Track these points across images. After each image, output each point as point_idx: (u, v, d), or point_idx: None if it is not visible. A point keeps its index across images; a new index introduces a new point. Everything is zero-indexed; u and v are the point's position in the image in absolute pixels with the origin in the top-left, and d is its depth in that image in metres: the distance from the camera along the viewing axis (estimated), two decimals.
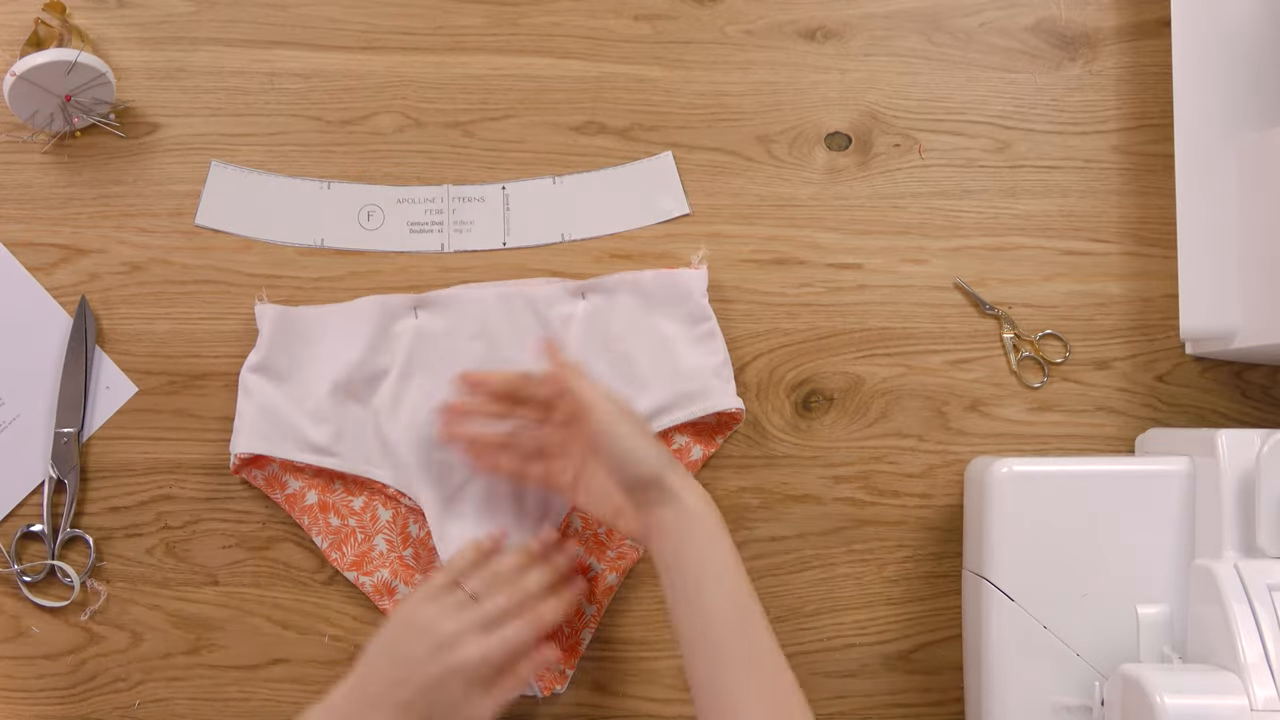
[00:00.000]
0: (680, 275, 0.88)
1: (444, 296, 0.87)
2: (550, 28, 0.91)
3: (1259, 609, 0.73)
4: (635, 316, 0.87)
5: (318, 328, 0.87)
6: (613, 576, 0.87)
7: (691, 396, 0.87)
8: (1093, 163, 0.92)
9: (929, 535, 0.90)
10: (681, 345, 0.87)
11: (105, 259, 0.88)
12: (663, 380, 0.86)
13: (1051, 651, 0.80)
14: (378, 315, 0.86)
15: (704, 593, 0.74)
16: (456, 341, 0.86)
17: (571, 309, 0.87)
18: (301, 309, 0.87)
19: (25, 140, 0.88)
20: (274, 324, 0.86)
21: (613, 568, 0.87)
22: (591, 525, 0.87)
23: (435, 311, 0.87)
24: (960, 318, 0.91)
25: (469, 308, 0.87)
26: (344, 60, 0.90)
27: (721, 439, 0.88)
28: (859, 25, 0.92)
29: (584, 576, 0.86)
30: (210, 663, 0.87)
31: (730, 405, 0.87)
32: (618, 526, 0.79)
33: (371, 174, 0.90)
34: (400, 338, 0.86)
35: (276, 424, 0.85)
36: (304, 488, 0.86)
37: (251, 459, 0.85)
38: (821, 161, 0.91)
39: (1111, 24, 0.93)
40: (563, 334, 0.87)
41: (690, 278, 0.88)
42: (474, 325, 0.87)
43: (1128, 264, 0.91)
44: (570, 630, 0.87)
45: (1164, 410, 0.91)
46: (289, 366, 0.86)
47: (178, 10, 0.90)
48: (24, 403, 0.86)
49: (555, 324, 0.87)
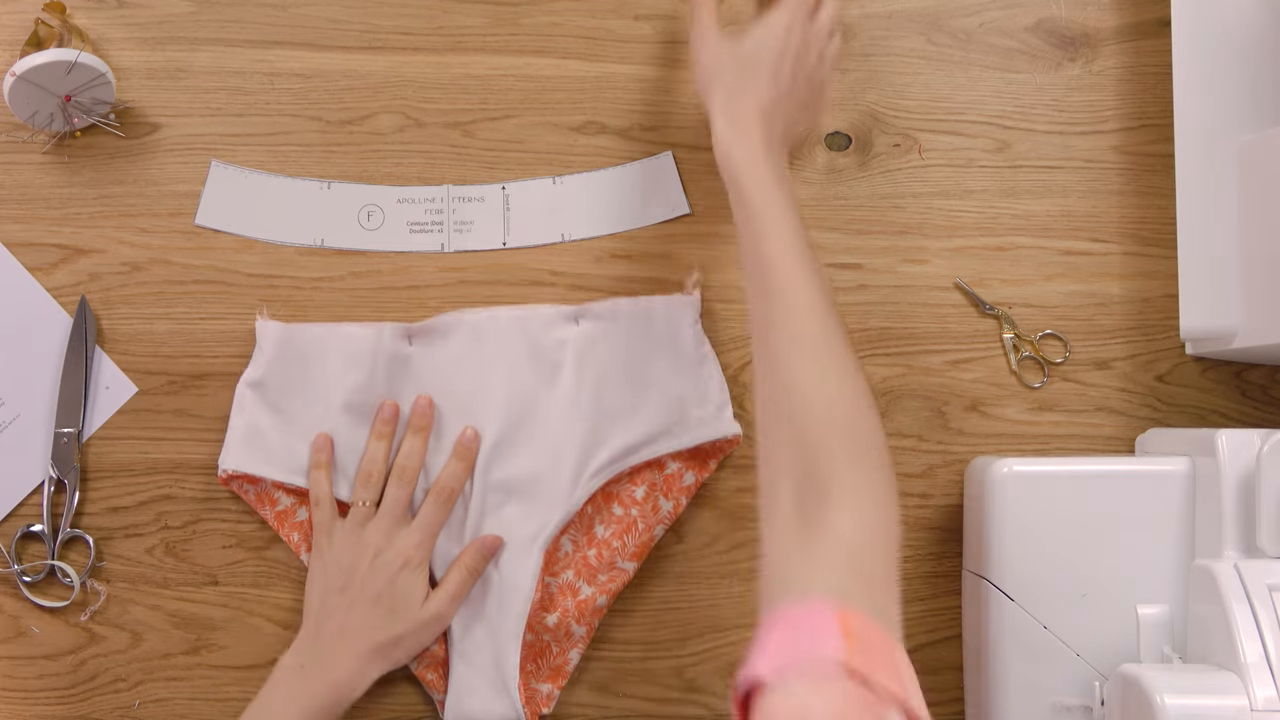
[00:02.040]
0: (674, 301, 0.88)
1: (438, 325, 0.87)
2: (550, 28, 0.91)
3: (1259, 609, 0.73)
4: (629, 342, 0.87)
5: (317, 348, 0.86)
6: (603, 599, 0.86)
7: (686, 423, 0.86)
8: (1093, 163, 0.92)
9: (929, 535, 0.90)
10: (676, 371, 0.87)
11: (105, 259, 0.88)
12: (656, 406, 0.86)
13: (1051, 651, 0.80)
14: (374, 342, 0.86)
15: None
16: (450, 369, 0.86)
17: (565, 333, 0.87)
18: (303, 327, 0.87)
19: (25, 140, 0.88)
20: (274, 342, 0.86)
21: (603, 590, 0.86)
22: (581, 548, 0.87)
23: (429, 339, 0.87)
24: (960, 318, 0.91)
25: (463, 335, 0.87)
26: (344, 60, 0.90)
27: (715, 463, 0.88)
28: (859, 25, 0.92)
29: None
30: (210, 663, 0.87)
31: (728, 432, 0.86)
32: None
33: (371, 174, 0.90)
34: (395, 366, 0.86)
35: (268, 444, 0.85)
36: (295, 504, 0.86)
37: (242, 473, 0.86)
38: (821, 161, 0.91)
39: (1111, 24, 0.93)
40: (557, 359, 0.86)
41: (684, 304, 0.88)
42: (467, 353, 0.86)
43: (1128, 264, 0.91)
44: (559, 651, 0.87)
45: (1164, 410, 0.91)
46: (285, 386, 0.86)
47: (178, 10, 0.90)
48: (24, 403, 0.86)
49: (549, 348, 0.87)
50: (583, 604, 0.86)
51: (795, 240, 0.72)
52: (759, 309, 0.72)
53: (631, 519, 0.87)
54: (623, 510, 0.87)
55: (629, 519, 0.86)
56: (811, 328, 0.69)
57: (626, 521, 0.87)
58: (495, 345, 0.87)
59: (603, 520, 0.87)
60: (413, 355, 0.87)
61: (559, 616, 0.85)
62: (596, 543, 0.87)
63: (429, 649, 0.85)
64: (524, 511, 0.85)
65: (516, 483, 0.86)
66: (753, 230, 0.73)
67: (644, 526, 0.86)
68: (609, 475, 0.85)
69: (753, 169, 0.75)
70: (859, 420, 0.67)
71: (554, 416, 0.86)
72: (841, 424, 0.67)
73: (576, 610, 0.86)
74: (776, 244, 0.72)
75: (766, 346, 0.70)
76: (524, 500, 0.85)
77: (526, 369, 0.86)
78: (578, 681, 0.88)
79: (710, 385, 0.87)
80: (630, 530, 0.86)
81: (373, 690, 0.83)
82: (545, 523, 0.85)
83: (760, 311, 0.71)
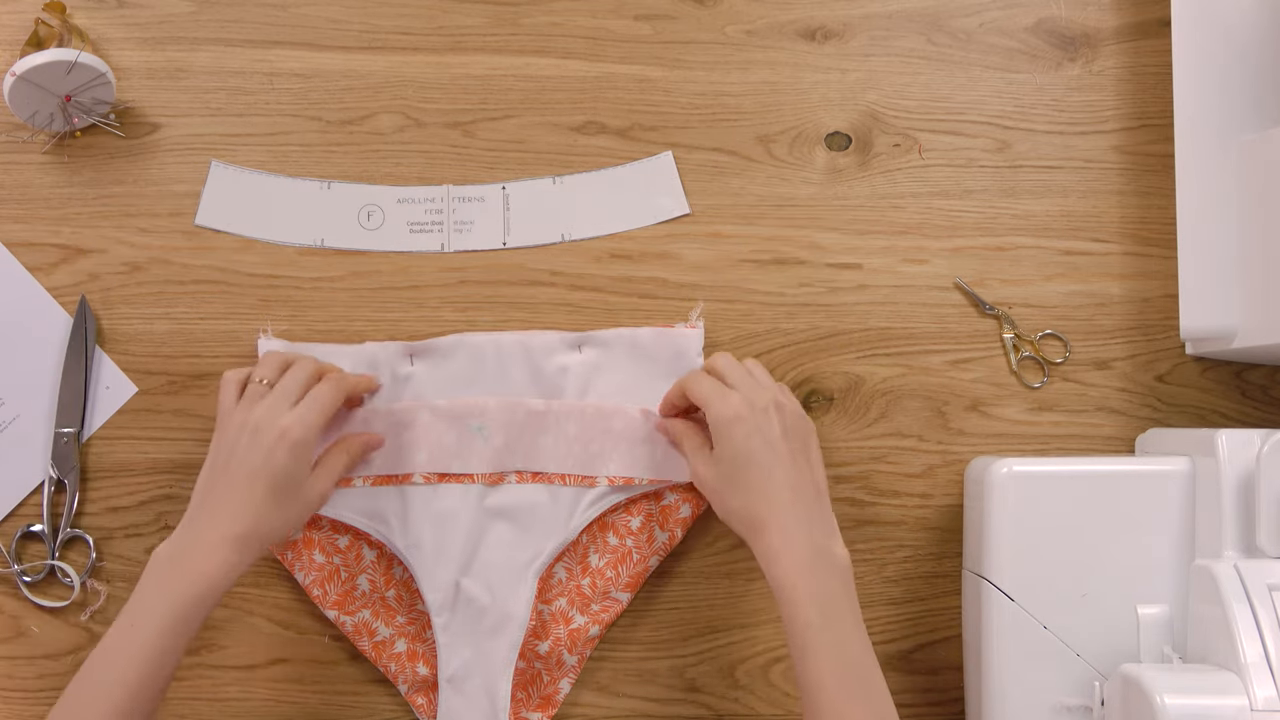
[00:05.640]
0: (677, 334, 0.88)
1: (441, 345, 0.87)
2: (550, 28, 0.91)
3: (1259, 609, 0.73)
4: (631, 372, 0.87)
5: None
6: (595, 629, 0.86)
7: (683, 459, 0.86)
8: (1093, 163, 0.92)
9: (929, 535, 0.90)
10: None
11: (105, 259, 0.88)
12: (656, 438, 0.86)
13: (1051, 651, 0.80)
14: (376, 362, 0.86)
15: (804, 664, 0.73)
16: (451, 390, 0.86)
17: (567, 360, 0.87)
18: (306, 347, 0.87)
19: (25, 140, 0.88)
20: None
21: (595, 620, 0.86)
22: (575, 577, 0.87)
23: (431, 360, 0.87)
24: (960, 318, 0.91)
25: (465, 356, 0.87)
26: (344, 60, 0.90)
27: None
28: (859, 25, 0.92)
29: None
30: (210, 663, 0.87)
31: None
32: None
33: (371, 174, 0.90)
34: (396, 385, 0.86)
35: None
36: None
37: None
38: (821, 161, 0.91)
39: (1111, 24, 0.93)
40: (558, 384, 0.86)
41: (687, 337, 0.88)
42: (469, 374, 0.86)
43: (1128, 264, 0.91)
44: (549, 680, 0.86)
45: (1164, 410, 0.91)
46: None
47: (178, 10, 0.90)
48: (24, 403, 0.86)
49: (551, 374, 0.86)
50: (575, 633, 0.86)
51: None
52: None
53: (627, 549, 0.86)
54: (618, 540, 0.87)
55: (624, 549, 0.86)
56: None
57: (622, 551, 0.86)
58: (497, 368, 0.87)
59: (598, 549, 0.87)
60: (414, 374, 0.87)
61: (551, 644, 0.85)
62: (591, 571, 0.87)
63: (417, 672, 0.85)
64: (519, 538, 0.85)
65: (513, 509, 0.85)
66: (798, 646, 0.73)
67: (639, 557, 0.86)
68: (606, 505, 0.85)
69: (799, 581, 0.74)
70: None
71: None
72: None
73: (569, 639, 0.85)
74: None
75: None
76: (520, 526, 0.85)
77: (527, 394, 0.86)
78: (578, 682, 0.88)
79: None
80: (625, 560, 0.86)
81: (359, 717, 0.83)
82: (540, 550, 0.85)
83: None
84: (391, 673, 0.85)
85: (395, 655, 0.85)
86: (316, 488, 0.79)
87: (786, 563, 0.74)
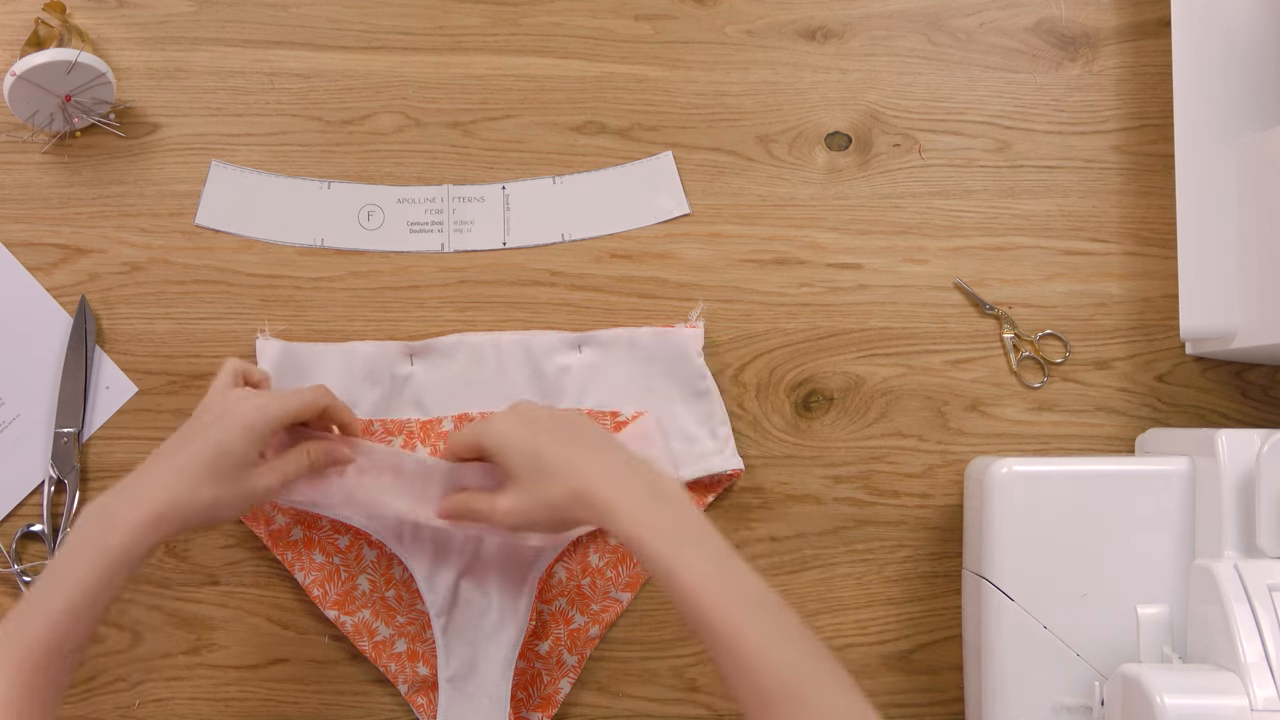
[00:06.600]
0: (676, 333, 0.88)
1: (441, 345, 0.87)
2: (550, 28, 0.91)
3: (1259, 609, 0.73)
4: (631, 373, 0.87)
5: (319, 366, 0.86)
6: (595, 629, 0.86)
7: (687, 456, 0.86)
8: (1093, 163, 0.92)
9: (929, 535, 0.90)
10: (677, 404, 0.87)
11: (105, 259, 0.88)
12: (656, 439, 0.85)
13: (1051, 651, 0.80)
14: (375, 361, 0.86)
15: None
16: (450, 389, 0.86)
17: (568, 360, 0.87)
18: (303, 345, 0.87)
19: (25, 140, 0.88)
20: (275, 362, 0.86)
21: (595, 620, 0.86)
22: (575, 577, 0.87)
23: (431, 360, 0.87)
24: (960, 318, 0.91)
25: (465, 356, 0.87)
26: (344, 60, 0.90)
27: (714, 496, 0.88)
28: (859, 25, 0.92)
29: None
30: (210, 663, 0.87)
31: (729, 466, 0.86)
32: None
33: (371, 174, 0.90)
34: (395, 385, 0.86)
35: None
36: (289, 523, 0.86)
37: None
38: (821, 161, 0.91)
39: (1111, 24, 0.93)
40: (559, 384, 0.87)
41: (686, 336, 0.88)
42: (469, 374, 0.86)
43: (1128, 264, 0.91)
44: (549, 680, 0.87)
45: (1164, 410, 0.91)
46: None
47: (178, 10, 0.90)
48: (24, 403, 0.86)
49: (551, 374, 0.87)
50: (575, 633, 0.86)
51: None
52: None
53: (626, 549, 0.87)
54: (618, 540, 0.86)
55: (623, 549, 0.86)
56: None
57: (622, 551, 0.86)
58: (497, 368, 0.87)
59: (598, 549, 0.87)
60: (414, 374, 0.87)
61: (551, 644, 0.85)
62: (590, 571, 0.87)
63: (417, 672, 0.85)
64: (519, 538, 0.85)
65: None
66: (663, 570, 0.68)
67: None
68: None
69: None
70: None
71: None
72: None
73: (569, 638, 0.86)
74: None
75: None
76: None
77: (528, 394, 0.86)
78: (578, 682, 0.88)
79: (712, 419, 0.87)
80: (624, 560, 0.87)
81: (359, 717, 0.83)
82: (540, 550, 0.85)
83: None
84: (391, 673, 0.85)
85: (395, 655, 0.85)
86: (263, 480, 0.75)
87: (626, 506, 0.70)
